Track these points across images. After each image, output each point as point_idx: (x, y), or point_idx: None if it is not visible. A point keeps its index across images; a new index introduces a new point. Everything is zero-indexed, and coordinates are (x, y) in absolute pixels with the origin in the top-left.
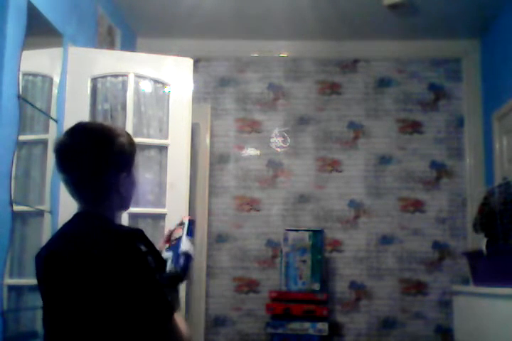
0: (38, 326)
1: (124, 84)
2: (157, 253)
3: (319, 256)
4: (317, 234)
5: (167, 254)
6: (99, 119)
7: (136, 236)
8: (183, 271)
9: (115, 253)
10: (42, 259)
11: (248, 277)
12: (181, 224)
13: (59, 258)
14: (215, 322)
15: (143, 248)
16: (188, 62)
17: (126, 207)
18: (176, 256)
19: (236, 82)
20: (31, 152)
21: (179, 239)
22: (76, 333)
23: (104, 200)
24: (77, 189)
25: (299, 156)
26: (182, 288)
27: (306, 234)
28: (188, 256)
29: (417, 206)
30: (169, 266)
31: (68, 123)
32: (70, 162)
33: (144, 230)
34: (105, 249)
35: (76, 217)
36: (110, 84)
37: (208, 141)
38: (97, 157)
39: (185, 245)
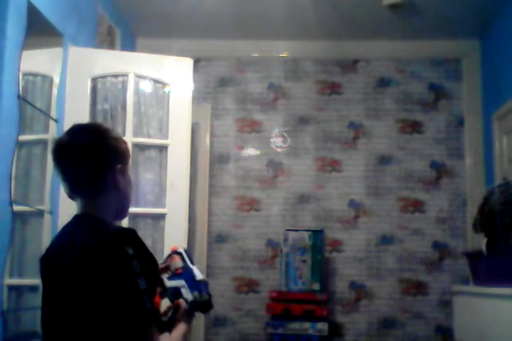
0: (38, 326)
1: (124, 84)
2: (145, 257)
3: (319, 256)
4: (317, 234)
5: (174, 282)
6: (99, 119)
7: (126, 237)
8: (210, 297)
9: (100, 256)
10: (42, 261)
11: (248, 277)
12: (173, 253)
13: (53, 260)
14: (215, 322)
15: (130, 251)
16: (188, 62)
17: (123, 208)
18: (194, 284)
19: (236, 82)
20: (31, 152)
21: (186, 268)
22: (63, 334)
23: (98, 197)
24: (70, 185)
25: (299, 156)
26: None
27: (306, 234)
28: (206, 283)
29: (417, 206)
30: (186, 294)
31: (68, 123)
32: (63, 156)
33: (142, 230)
34: (91, 252)
35: (74, 219)
36: (110, 84)
37: (208, 141)
38: (88, 153)
39: (199, 273)
